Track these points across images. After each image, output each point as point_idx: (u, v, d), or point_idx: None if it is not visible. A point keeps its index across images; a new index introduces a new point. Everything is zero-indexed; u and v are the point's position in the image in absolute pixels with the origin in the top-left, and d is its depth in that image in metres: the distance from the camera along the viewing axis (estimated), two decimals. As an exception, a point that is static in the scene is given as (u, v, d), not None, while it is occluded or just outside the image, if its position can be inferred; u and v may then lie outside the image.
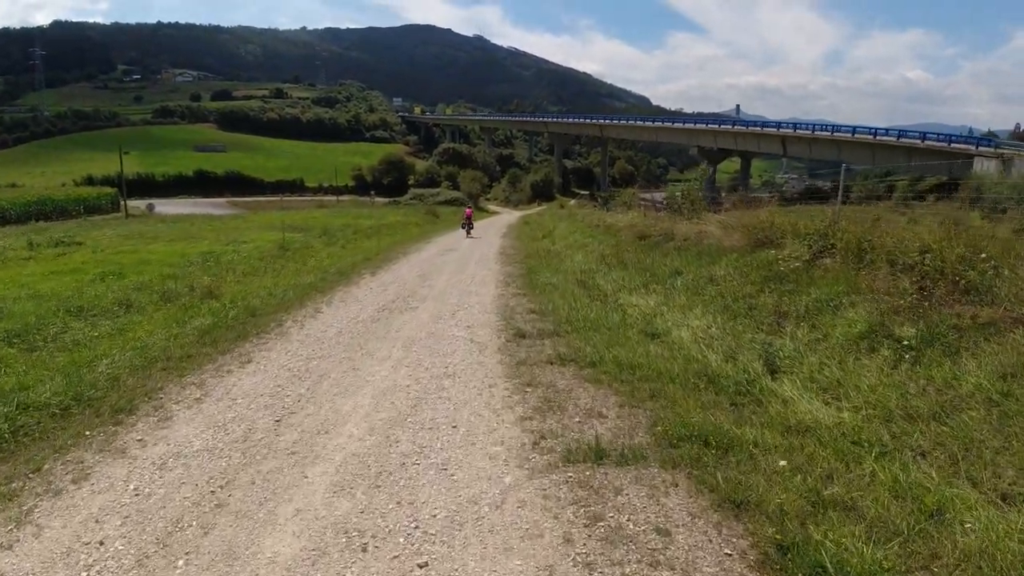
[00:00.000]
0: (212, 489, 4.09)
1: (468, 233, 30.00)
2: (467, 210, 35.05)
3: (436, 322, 9.33)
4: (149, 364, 6.86)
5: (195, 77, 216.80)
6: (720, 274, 11.15)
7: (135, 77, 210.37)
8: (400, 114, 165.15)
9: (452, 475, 4.22)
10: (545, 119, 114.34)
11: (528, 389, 6.01)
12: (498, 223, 46.09)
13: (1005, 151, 34.03)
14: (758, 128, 57.01)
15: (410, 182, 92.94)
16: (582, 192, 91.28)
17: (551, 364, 6.88)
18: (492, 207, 76.08)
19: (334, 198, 77.86)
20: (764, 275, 10.16)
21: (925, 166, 39.66)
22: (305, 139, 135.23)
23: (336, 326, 8.99)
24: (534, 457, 4.47)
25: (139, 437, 4.94)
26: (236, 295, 11.33)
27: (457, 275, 15.01)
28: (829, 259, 9.81)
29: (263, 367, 6.91)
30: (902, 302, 7.74)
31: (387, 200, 73.91)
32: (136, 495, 4.06)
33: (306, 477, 4.20)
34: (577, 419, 5.23)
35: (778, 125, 54.27)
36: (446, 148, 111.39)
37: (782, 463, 4.46)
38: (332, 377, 6.52)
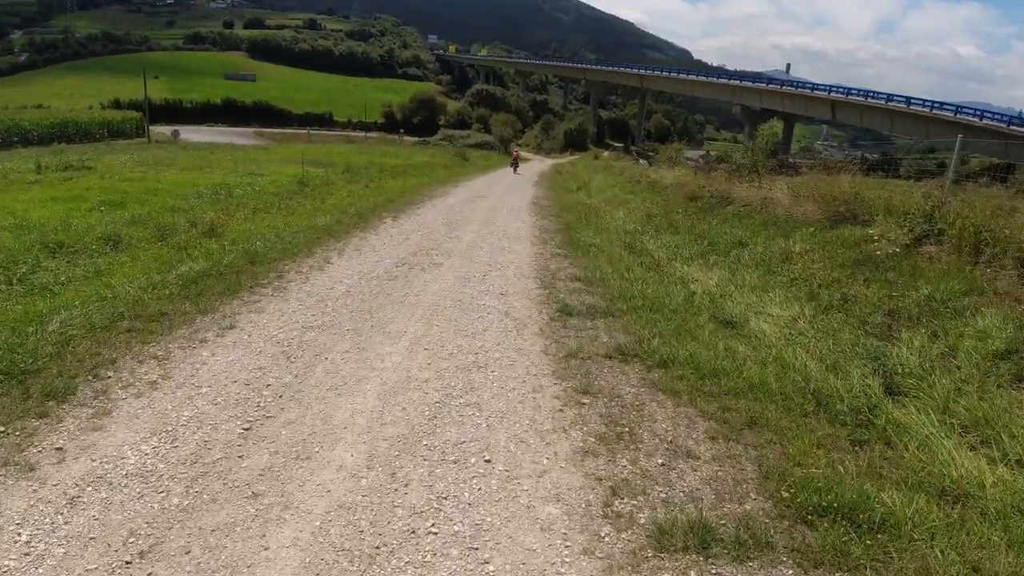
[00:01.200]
0: (127, 558, 2.68)
1: (515, 171, 36.87)
2: (514, 152, 43.44)
3: (464, 285, 7.82)
4: (112, 323, 5.48)
5: (229, 3, 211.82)
6: (796, 251, 9.48)
7: (168, 1, 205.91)
8: (434, 52, 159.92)
9: (485, 562, 2.79)
10: (583, 65, 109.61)
11: (585, 400, 4.51)
12: (529, 170, 44.03)
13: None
14: (808, 90, 53.48)
15: (440, 122, 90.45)
16: (616, 144, 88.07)
17: (609, 359, 5.37)
18: (524, 153, 73.60)
19: (362, 134, 75.71)
20: (854, 258, 8.50)
21: (979, 143, 36.89)
22: (336, 72, 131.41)
23: (346, 283, 7.53)
24: (607, 534, 2.99)
25: (60, 444, 3.56)
26: (240, 235, 9.91)
27: (488, 226, 13.44)
28: (934, 247, 8.11)
29: (246, 337, 5.48)
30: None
31: (416, 140, 71.68)
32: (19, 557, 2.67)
33: (265, 549, 2.79)
34: (659, 460, 3.74)
35: (828, 89, 50.78)
36: (479, 89, 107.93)
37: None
38: (330, 359, 5.08)
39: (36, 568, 2.61)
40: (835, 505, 3.29)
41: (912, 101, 41.99)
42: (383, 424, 3.99)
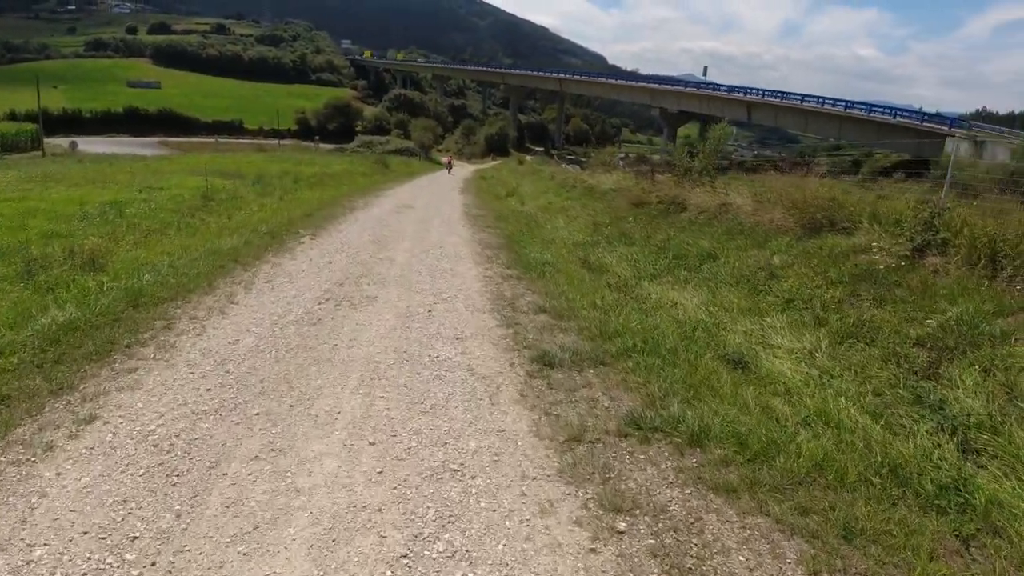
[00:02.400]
0: None
1: (449, 171, 43.38)
2: (449, 158, 52.35)
3: (407, 327, 6.23)
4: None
5: (133, 8, 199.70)
6: (777, 264, 8.41)
7: (69, 8, 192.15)
8: (349, 57, 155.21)
9: None
10: (502, 70, 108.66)
11: (621, 525, 3.04)
12: (452, 177, 42.46)
13: (978, 134, 32.49)
14: (724, 92, 54.25)
15: (358, 129, 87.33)
16: (537, 148, 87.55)
17: (625, 439, 3.95)
18: (444, 159, 71.88)
19: (275, 142, 71.78)
20: (850, 272, 7.47)
21: (894, 143, 38.02)
22: (247, 78, 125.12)
23: (254, 332, 5.80)
24: None
25: None
26: (126, 266, 7.95)
27: (421, 242, 11.85)
28: (938, 258, 7.16)
29: (110, 437, 3.74)
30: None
31: (332, 147, 68.52)
32: None
33: None
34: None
35: (744, 91, 51.62)
36: (397, 94, 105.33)
37: None
38: (231, 475, 3.41)
39: None
40: None
41: (825, 101, 43.01)
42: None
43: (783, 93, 47.46)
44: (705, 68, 64.17)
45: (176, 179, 21.03)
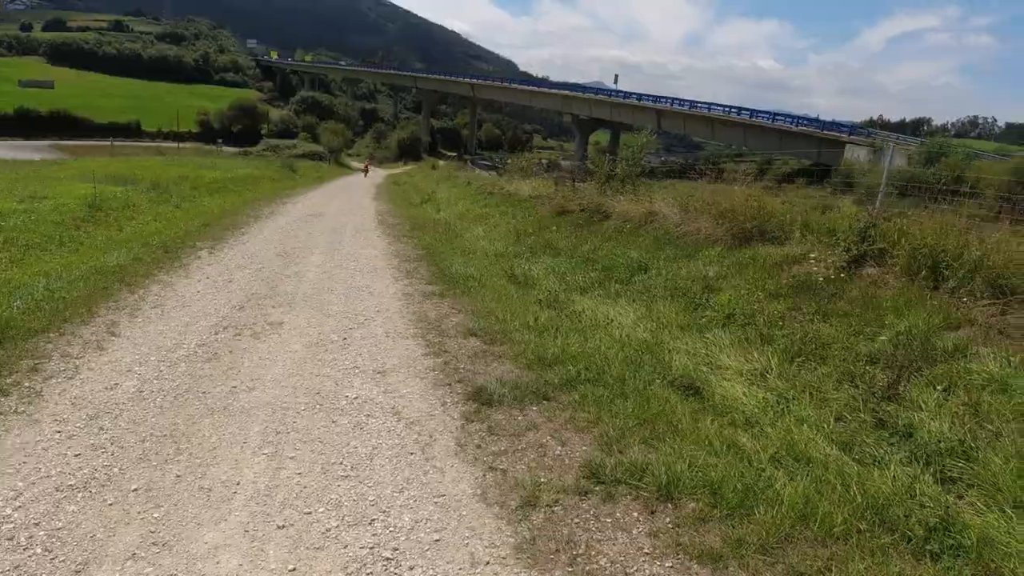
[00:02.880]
0: None
1: (366, 175, 46.36)
2: (367, 163, 56.37)
3: (319, 360, 5.44)
4: None
5: (28, 4, 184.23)
6: (712, 275, 8.14)
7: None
8: (255, 57, 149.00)
9: None
10: (414, 74, 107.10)
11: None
12: (364, 182, 41.05)
13: (876, 140, 34.42)
14: (635, 100, 55.44)
15: (263, 132, 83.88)
16: (450, 153, 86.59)
17: (585, 497, 3.38)
18: (355, 164, 69.82)
19: (175, 145, 67.63)
20: (789, 284, 7.25)
21: (796, 150, 39.68)
22: (146, 78, 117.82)
23: (136, 374, 4.84)
24: None
25: None
26: (-12, 290, 6.74)
27: (333, 254, 10.95)
28: (875, 269, 7.05)
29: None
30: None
31: (236, 150, 65.25)
32: None
33: None
34: None
35: (655, 99, 52.99)
36: (305, 97, 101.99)
37: None
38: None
39: None
40: None
41: (731, 110, 44.58)
42: None
43: (691, 102, 48.92)
44: (616, 76, 65.39)
45: (64, 186, 18.94)
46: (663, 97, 52.03)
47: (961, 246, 6.36)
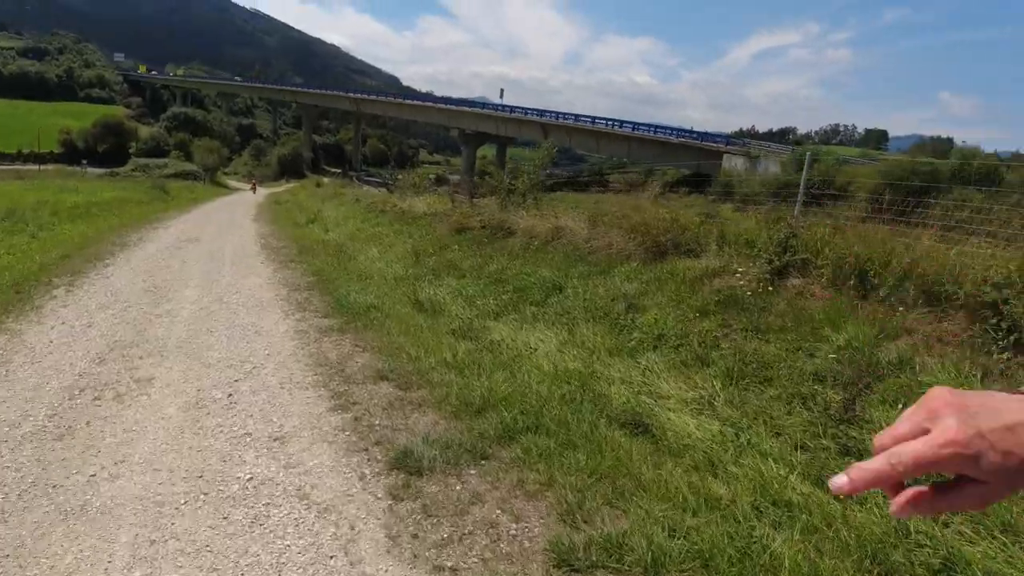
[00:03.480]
0: None
1: (254, 192, 46.43)
2: (254, 182, 54.24)
3: (200, 427, 4.35)
4: None
5: None
6: (631, 292, 7.70)
7: None
8: (122, 72, 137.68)
9: None
10: (294, 88, 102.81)
11: None
12: (244, 201, 38.47)
13: (751, 149, 36.23)
14: (521, 114, 55.81)
15: (132, 151, 77.60)
16: (334, 170, 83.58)
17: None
18: (233, 183, 65.80)
19: (36, 167, 61.02)
20: (713, 300, 6.91)
21: (678, 161, 41.16)
22: (7, 96, 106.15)
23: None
24: None
25: None
26: None
27: (212, 286, 9.64)
28: (799, 280, 6.85)
29: None
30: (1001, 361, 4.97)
31: (103, 171, 59.77)
32: None
33: None
34: None
35: (540, 113, 53.56)
36: (177, 113, 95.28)
37: None
38: None
39: None
40: None
41: (615, 123, 45.74)
42: None
43: (576, 116, 49.81)
44: (502, 91, 65.69)
45: None
46: (548, 111, 52.69)
47: (888, 254, 6.24)
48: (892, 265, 6.11)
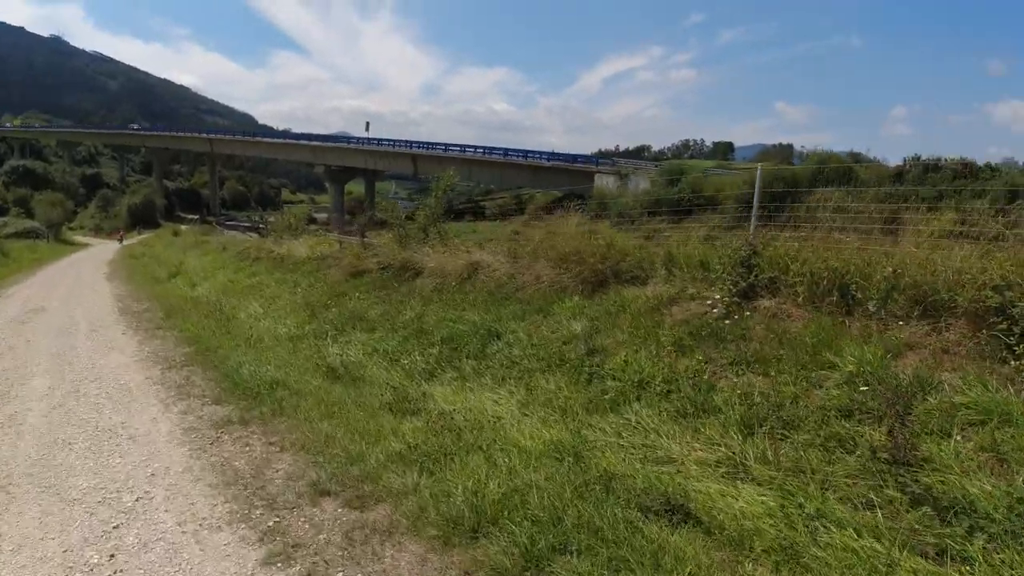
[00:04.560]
0: None
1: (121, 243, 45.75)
2: (121, 233, 53.82)
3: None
4: None
5: None
6: (581, 331, 6.63)
7: None
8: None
9: None
10: (143, 132, 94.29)
11: None
12: (94, 257, 33.99)
13: (623, 168, 36.93)
14: (389, 146, 53.99)
15: (-35, 211, 67.54)
16: (191, 216, 76.94)
17: None
18: (80, 237, 58.71)
19: None
20: (684, 331, 5.97)
21: (551, 183, 41.34)
22: None
23: None
24: None
25: None
26: None
27: (65, 372, 7.49)
28: (771, 300, 6.07)
29: None
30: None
31: (-72, 239, 51.25)
32: None
33: None
34: None
35: (410, 144, 52.14)
36: (15, 166, 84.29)
37: None
38: None
39: None
40: None
41: (486, 150, 45.28)
42: None
43: (446, 145, 48.92)
44: (367, 124, 63.65)
45: None
46: (418, 142, 51.40)
47: (868, 264, 5.57)
48: (875, 277, 5.42)
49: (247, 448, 4.82)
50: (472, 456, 4.32)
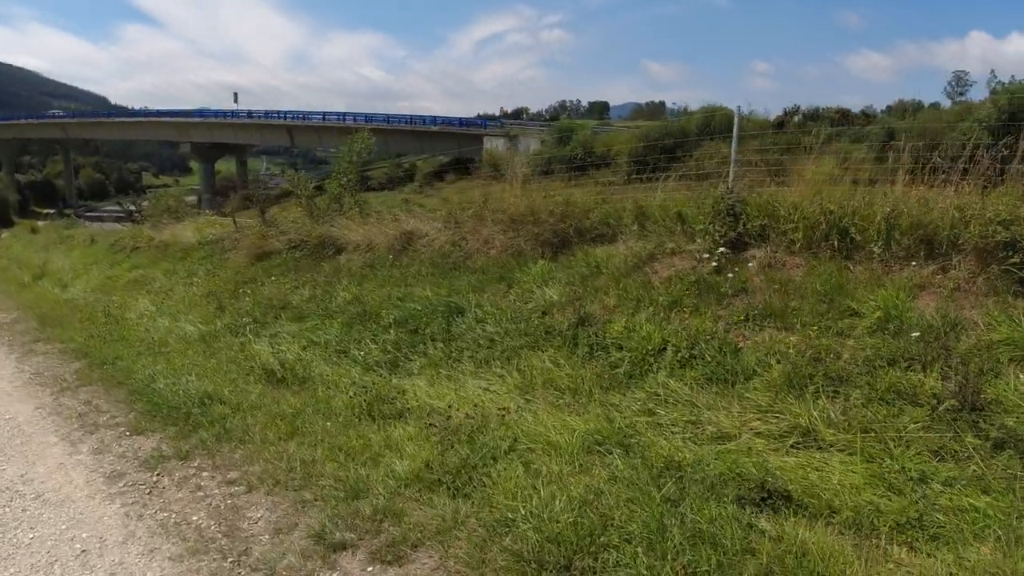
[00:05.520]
0: None
1: None
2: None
3: None
4: None
5: None
6: (557, 299, 5.87)
7: None
8: None
9: None
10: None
11: None
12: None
13: (511, 129, 36.18)
14: (261, 118, 49.72)
15: None
16: (47, 211, 67.78)
17: None
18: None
19: None
20: (679, 290, 5.35)
21: (440, 148, 40.04)
22: None
23: None
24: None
25: None
26: None
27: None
28: (762, 249, 5.58)
29: None
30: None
31: None
32: None
33: None
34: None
35: (285, 115, 48.26)
36: None
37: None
38: None
39: None
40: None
41: (367, 117, 42.86)
42: None
43: (324, 114, 45.81)
44: (235, 95, 58.18)
45: None
46: (294, 112, 47.67)
47: (868, 206, 5.16)
48: (875, 218, 5.04)
49: (200, 493, 3.67)
50: (504, 465, 3.47)
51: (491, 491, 3.17)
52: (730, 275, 5.18)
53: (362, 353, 6.04)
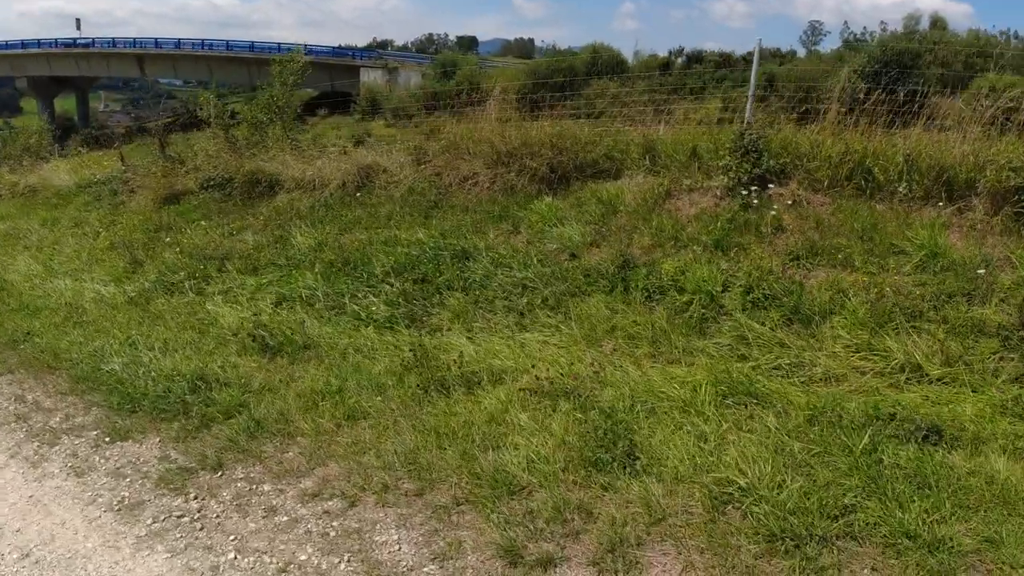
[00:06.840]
0: None
1: None
2: None
3: None
4: None
5: None
6: (576, 239, 5.40)
7: None
8: None
9: None
10: None
11: None
12: None
13: (390, 61, 33.70)
14: (107, 47, 42.03)
15: None
16: None
17: None
18: None
19: None
20: (719, 227, 5.05)
21: (311, 80, 36.62)
22: None
23: None
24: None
25: None
26: None
27: None
28: (782, 187, 5.40)
29: None
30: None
31: None
32: None
33: None
34: None
35: (134, 43, 41.35)
36: None
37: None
38: None
39: None
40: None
41: (232, 44, 37.97)
42: None
43: (178, 41, 40.01)
44: (78, 20, 48.62)
45: None
46: (144, 39, 40.92)
47: (891, 147, 5.08)
48: (896, 159, 4.97)
49: (283, 518, 2.79)
50: (649, 430, 3.01)
51: (667, 463, 2.71)
52: (770, 212, 4.91)
53: (360, 309, 5.19)
